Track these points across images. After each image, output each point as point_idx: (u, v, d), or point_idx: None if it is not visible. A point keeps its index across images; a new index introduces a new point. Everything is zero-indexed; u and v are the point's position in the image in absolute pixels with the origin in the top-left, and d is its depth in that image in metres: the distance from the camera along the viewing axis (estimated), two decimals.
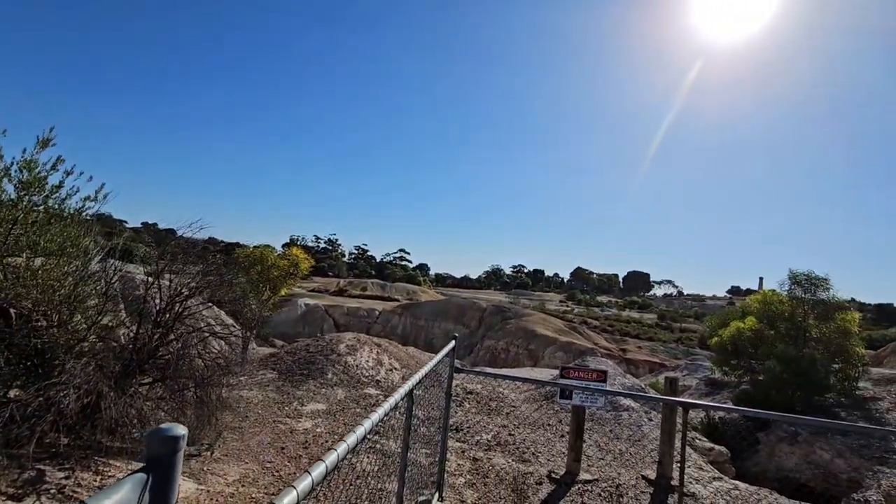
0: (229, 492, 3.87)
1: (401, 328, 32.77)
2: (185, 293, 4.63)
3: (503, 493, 4.44)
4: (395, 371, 8.96)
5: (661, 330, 46.26)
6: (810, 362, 10.89)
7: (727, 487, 5.21)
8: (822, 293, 12.50)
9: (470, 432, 6.45)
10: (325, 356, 8.48)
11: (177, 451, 0.67)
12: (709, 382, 17.77)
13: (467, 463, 5.27)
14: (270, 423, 5.76)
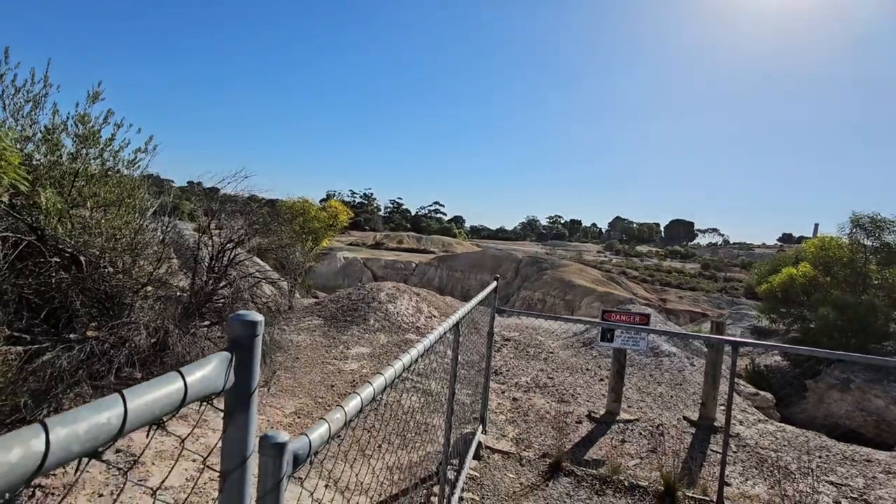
0: (287, 422, 4.17)
1: (437, 280, 33.30)
2: (235, 240, 4.81)
3: (543, 429, 4.56)
4: (435, 318, 9.17)
5: (704, 279, 44.89)
6: (869, 309, 10.34)
7: (773, 429, 5.16)
8: (887, 236, 11.67)
9: (509, 375, 6.60)
10: (367, 304, 8.76)
11: (255, 335, 0.70)
12: (755, 331, 17.30)
13: (507, 402, 5.43)
14: (319, 364, 6.08)
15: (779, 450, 4.48)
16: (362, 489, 2.95)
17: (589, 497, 3.23)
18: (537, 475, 3.47)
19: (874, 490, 3.80)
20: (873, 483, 3.92)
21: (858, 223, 11.78)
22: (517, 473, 3.49)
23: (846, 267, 11.81)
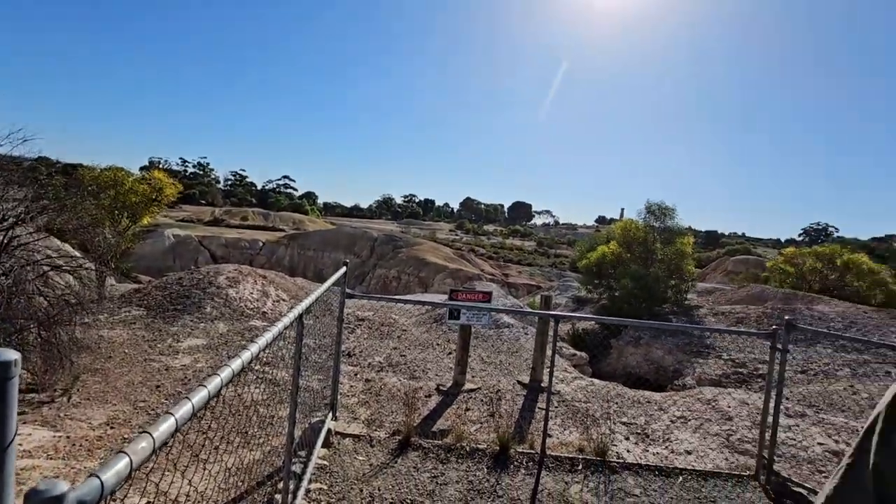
0: (96, 435, 3.54)
1: (288, 259, 31.45)
2: (11, 220, 3.82)
3: (395, 407, 4.70)
4: (283, 302, 8.66)
5: (539, 256, 50.70)
6: (654, 279, 12.88)
7: (585, 384, 6.13)
8: (669, 221, 14.59)
9: (362, 356, 6.60)
10: (203, 290, 7.84)
11: (8, 378, 0.55)
12: (576, 300, 20.19)
13: (360, 384, 5.44)
14: (141, 363, 5.27)
15: (588, 401, 5.34)
16: (197, 499, 2.67)
17: (434, 467, 3.44)
18: (387, 454, 3.57)
19: (651, 425, 4.80)
20: (651, 419, 4.95)
21: (650, 210, 14.49)
22: (367, 455, 3.53)
23: (641, 245, 14.47)
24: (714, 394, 5.64)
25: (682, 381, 9.82)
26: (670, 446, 4.40)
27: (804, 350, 8.83)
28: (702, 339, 10.72)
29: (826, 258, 17.18)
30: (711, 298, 16.60)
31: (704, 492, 3.48)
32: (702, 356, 10.09)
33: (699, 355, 10.24)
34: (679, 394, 6.01)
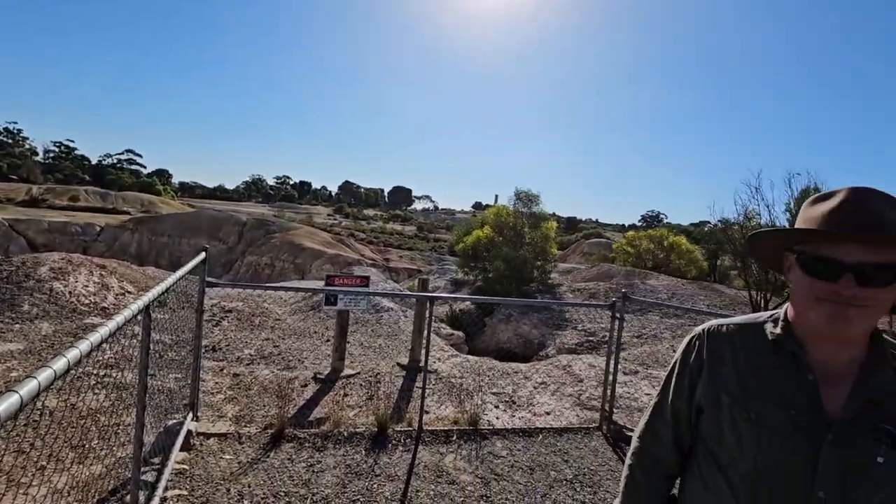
0: None
1: (135, 247, 27.47)
2: None
3: (267, 400, 4.45)
4: (130, 295, 7.58)
5: (419, 240, 51.63)
6: (523, 261, 14.00)
7: (460, 361, 6.47)
8: (535, 207, 15.92)
9: (230, 350, 6.10)
10: (17, 284, 6.49)
11: None
12: (454, 282, 21.04)
13: (227, 380, 5.03)
14: None
15: (462, 376, 5.66)
16: None
17: (311, 456, 3.35)
18: (258, 449, 3.38)
19: (517, 392, 5.28)
20: (517, 387, 5.44)
21: (519, 196, 15.65)
22: (235, 453, 3.30)
23: (511, 229, 15.58)
24: (569, 360, 6.39)
25: (546, 352, 10.91)
26: (533, 409, 4.88)
27: (639, 318, 10.40)
28: (561, 313, 12.01)
29: (657, 240, 20.31)
30: (570, 277, 18.64)
31: (559, 445, 3.94)
32: (561, 328, 11.32)
33: (559, 328, 11.47)
34: (541, 363, 6.68)
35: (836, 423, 0.92)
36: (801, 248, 0.95)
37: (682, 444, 1.15)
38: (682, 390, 1.13)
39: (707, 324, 1.15)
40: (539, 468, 3.54)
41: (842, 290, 0.87)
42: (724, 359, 1.06)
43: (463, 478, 3.31)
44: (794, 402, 0.95)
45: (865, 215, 0.88)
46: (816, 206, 0.95)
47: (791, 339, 0.99)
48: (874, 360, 0.95)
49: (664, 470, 1.17)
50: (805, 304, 0.94)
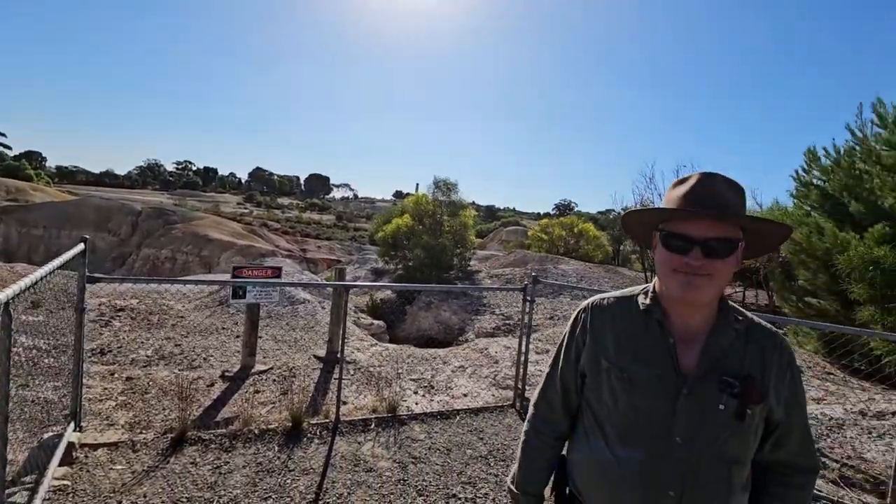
0: None
1: (1, 241, 23.78)
2: None
3: (168, 403, 4.11)
4: None
5: (338, 230, 50.22)
6: (442, 249, 14.19)
7: (380, 350, 6.43)
8: (453, 195, 16.14)
9: (123, 352, 5.53)
10: None
11: None
12: (375, 272, 20.79)
13: (119, 384, 4.56)
14: None
15: (382, 365, 5.64)
16: None
17: (217, 458, 3.16)
18: (156, 456, 3.11)
19: (436, 377, 5.37)
20: (436, 372, 5.54)
21: (437, 185, 15.77)
22: (129, 462, 3.01)
23: (431, 218, 15.69)
24: (486, 343, 6.62)
25: (465, 337, 11.21)
26: (451, 393, 5.00)
27: (551, 300, 11.02)
28: (480, 298, 12.38)
29: (568, 227, 21.60)
30: (488, 264, 19.23)
31: (475, 424, 4.09)
32: (480, 314, 11.67)
33: (478, 313, 11.82)
34: (459, 347, 6.85)
35: (690, 378, 1.06)
36: (662, 226, 1.07)
37: (571, 409, 1.25)
38: (570, 359, 1.23)
39: (591, 299, 1.25)
40: (456, 448, 3.65)
41: (691, 262, 1.00)
42: (604, 328, 1.18)
43: (381, 464, 3.31)
44: (658, 362, 1.08)
45: (711, 197, 1.02)
46: (675, 189, 1.09)
47: (657, 307, 1.12)
48: (720, 322, 1.10)
49: (556, 433, 1.27)
50: (664, 275, 1.07)
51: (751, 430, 1.05)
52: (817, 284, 7.54)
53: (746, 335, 1.10)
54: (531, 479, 1.28)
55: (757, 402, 1.04)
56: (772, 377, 1.07)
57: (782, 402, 1.08)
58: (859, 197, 7.10)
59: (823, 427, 4.45)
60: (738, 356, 1.08)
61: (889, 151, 7.04)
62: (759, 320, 1.15)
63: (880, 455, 3.87)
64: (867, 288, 6.09)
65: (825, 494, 3.38)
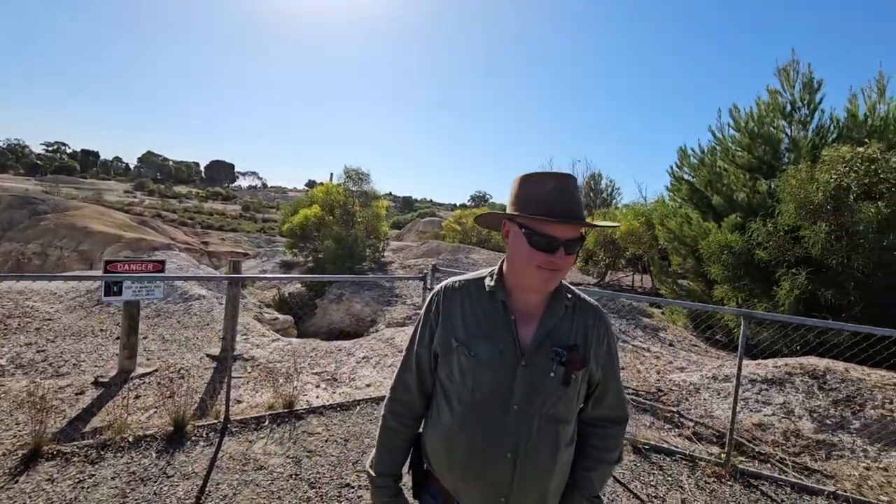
0: None
1: None
2: None
3: (22, 417, 3.63)
4: None
5: (245, 221, 47.19)
6: (354, 240, 13.94)
7: (283, 345, 6.20)
8: (365, 185, 15.89)
9: None
10: None
11: None
12: (283, 265, 19.89)
13: None
14: None
15: (283, 360, 5.45)
16: None
17: (81, 471, 2.86)
18: (2, 476, 2.75)
19: (340, 369, 5.31)
20: (340, 364, 5.48)
21: (348, 174, 15.41)
22: None
23: (342, 208, 15.31)
24: (392, 333, 6.66)
25: (377, 328, 11.18)
26: (355, 384, 4.98)
27: None
28: (392, 289, 12.37)
29: None
30: (402, 255, 19.24)
31: (376, 413, 4.12)
32: (392, 304, 11.67)
33: (390, 304, 11.81)
34: (365, 338, 6.82)
35: (527, 351, 1.18)
36: (527, 224, 1.14)
37: (427, 389, 1.32)
38: (425, 341, 1.30)
39: (443, 282, 1.33)
40: (354, 438, 3.66)
41: (557, 260, 1.12)
42: (454, 309, 1.26)
43: (273, 461, 3.22)
44: (501, 339, 1.19)
45: (573, 201, 1.14)
46: (533, 187, 1.16)
47: (501, 289, 1.23)
48: (553, 300, 1.24)
49: (412, 413, 1.33)
50: (525, 269, 1.16)
51: (575, 393, 1.21)
52: (687, 268, 8.56)
53: (574, 310, 1.25)
54: (388, 461, 1.33)
55: (580, 368, 1.19)
56: (592, 345, 1.23)
57: (601, 367, 1.25)
58: (719, 191, 8.15)
59: (683, 392, 5.11)
60: (566, 329, 1.22)
61: (741, 152, 8.16)
62: (585, 297, 1.31)
63: (724, 413, 4.53)
64: (722, 269, 7.05)
65: (680, 450, 3.89)
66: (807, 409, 4.57)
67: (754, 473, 3.60)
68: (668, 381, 5.47)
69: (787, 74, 7.98)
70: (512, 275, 1.22)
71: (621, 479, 3.41)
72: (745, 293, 6.88)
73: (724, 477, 3.53)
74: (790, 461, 3.87)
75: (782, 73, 8.02)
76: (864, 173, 5.74)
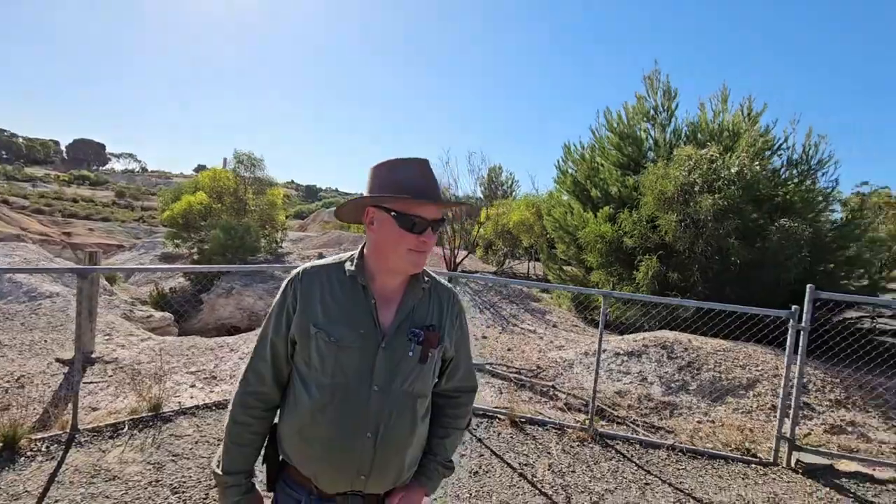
0: None
1: None
2: None
3: None
4: None
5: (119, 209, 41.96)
6: (246, 230, 13.06)
7: (153, 344, 5.65)
8: (259, 172, 14.93)
9: None
10: None
11: None
12: (164, 257, 18.04)
13: None
14: None
15: (153, 360, 4.97)
16: None
17: None
18: None
19: (219, 367, 4.99)
20: (221, 361, 5.14)
21: (239, 159, 14.36)
22: None
23: (232, 195, 14.25)
24: None
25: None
26: (235, 381, 4.70)
27: None
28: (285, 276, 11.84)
29: None
30: (301, 245, 18.46)
31: None
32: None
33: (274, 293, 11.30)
34: (250, 332, 6.46)
35: (387, 333, 1.21)
36: (394, 207, 1.17)
37: (282, 378, 1.28)
38: (281, 328, 1.26)
39: (302, 266, 1.30)
40: None
41: (427, 240, 1.17)
42: (313, 295, 1.24)
43: (130, 470, 2.94)
44: (362, 322, 1.20)
45: (434, 182, 1.21)
46: (401, 173, 1.19)
47: (361, 273, 1.24)
48: (412, 284, 1.28)
49: (266, 404, 1.28)
50: (395, 253, 1.19)
51: (431, 369, 1.28)
52: (570, 255, 9.32)
53: (431, 292, 1.31)
54: (239, 458, 1.26)
55: (435, 346, 1.26)
56: (447, 325, 1.31)
57: (454, 343, 1.34)
58: (597, 184, 8.96)
59: (560, 368, 5.59)
60: (424, 310, 1.28)
61: (614, 150, 9.03)
62: (441, 279, 1.38)
63: (591, 384, 5.03)
64: (597, 256, 7.78)
65: (552, 420, 4.26)
66: (658, 376, 5.26)
67: (611, 435, 4.07)
68: (548, 358, 5.94)
69: (651, 82, 8.97)
70: (379, 259, 1.24)
71: (497, 451, 3.65)
72: (616, 277, 7.68)
73: (586, 440, 3.94)
74: (641, 421, 4.43)
75: (647, 81, 9.00)
76: (707, 171, 6.68)
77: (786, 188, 7.52)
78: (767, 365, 5.31)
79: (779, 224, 6.26)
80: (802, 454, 3.75)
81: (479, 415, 4.24)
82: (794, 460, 3.72)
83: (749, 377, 5.17)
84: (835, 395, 4.96)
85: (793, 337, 3.81)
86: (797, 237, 6.07)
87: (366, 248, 1.29)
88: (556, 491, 3.20)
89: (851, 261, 7.71)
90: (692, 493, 3.31)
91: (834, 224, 7.91)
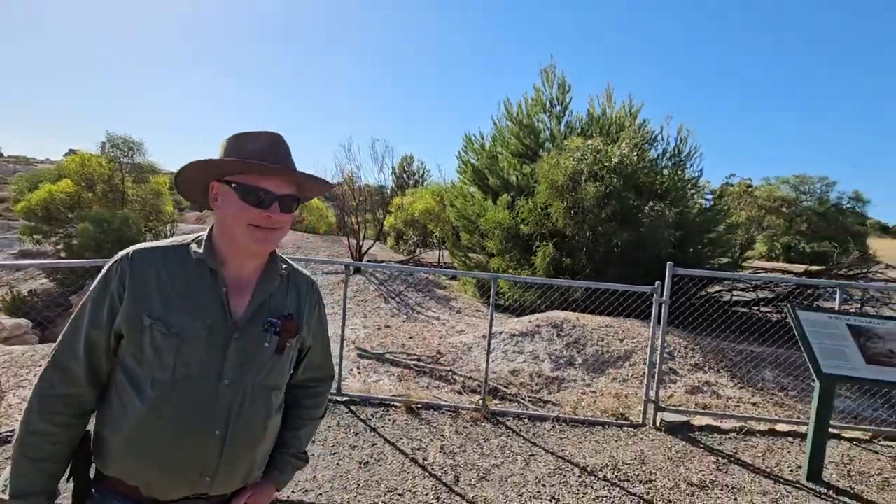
0: None
1: None
2: None
3: None
4: None
5: None
6: (123, 221, 11.68)
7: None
8: (138, 157, 13.40)
9: None
10: None
11: None
12: (23, 255, 15.63)
13: None
14: None
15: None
16: None
17: None
18: None
19: None
20: None
21: (114, 143, 12.76)
22: None
23: (106, 184, 12.65)
24: None
25: None
26: None
27: None
28: None
29: None
30: None
31: None
32: None
33: None
34: None
35: (240, 323, 1.10)
36: (235, 179, 1.06)
37: (100, 377, 1.10)
38: (101, 319, 1.07)
39: (129, 249, 1.12)
40: None
41: (272, 215, 1.06)
42: (147, 282, 1.07)
43: None
44: (210, 312, 1.07)
45: (285, 157, 1.10)
46: (247, 144, 1.08)
47: (211, 257, 1.10)
48: (268, 270, 1.18)
49: (78, 409, 1.09)
50: (237, 229, 1.07)
51: (288, 360, 1.20)
52: (473, 242, 9.56)
53: (288, 279, 1.23)
54: (34, 475, 1.05)
55: (293, 335, 1.18)
56: (305, 314, 1.24)
57: (312, 332, 1.29)
58: (496, 173, 9.25)
59: (458, 352, 5.72)
60: (281, 299, 1.19)
61: (513, 140, 9.37)
62: (298, 267, 1.30)
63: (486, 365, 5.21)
64: (497, 243, 8.07)
65: (448, 403, 4.33)
66: (548, 354, 5.59)
67: (502, 412, 4.24)
68: (448, 344, 6.05)
69: (548, 75, 9.43)
70: (226, 240, 1.11)
71: (390, 439, 3.63)
72: (515, 263, 8.02)
73: (479, 420, 4.06)
74: (530, 397, 4.67)
75: (544, 74, 9.44)
76: (592, 161, 7.17)
77: (662, 177, 8.35)
78: (642, 337, 5.87)
79: (648, 207, 6.93)
80: (665, 414, 4.20)
81: (374, 405, 4.19)
82: (659, 420, 4.16)
83: (626, 349, 5.68)
84: (695, 359, 5.63)
85: (656, 310, 4.23)
86: (665, 219, 6.77)
87: (214, 228, 1.16)
88: (446, 472, 3.26)
89: (714, 242, 8.81)
90: (571, 458, 3.55)
91: (702, 209, 8.97)
